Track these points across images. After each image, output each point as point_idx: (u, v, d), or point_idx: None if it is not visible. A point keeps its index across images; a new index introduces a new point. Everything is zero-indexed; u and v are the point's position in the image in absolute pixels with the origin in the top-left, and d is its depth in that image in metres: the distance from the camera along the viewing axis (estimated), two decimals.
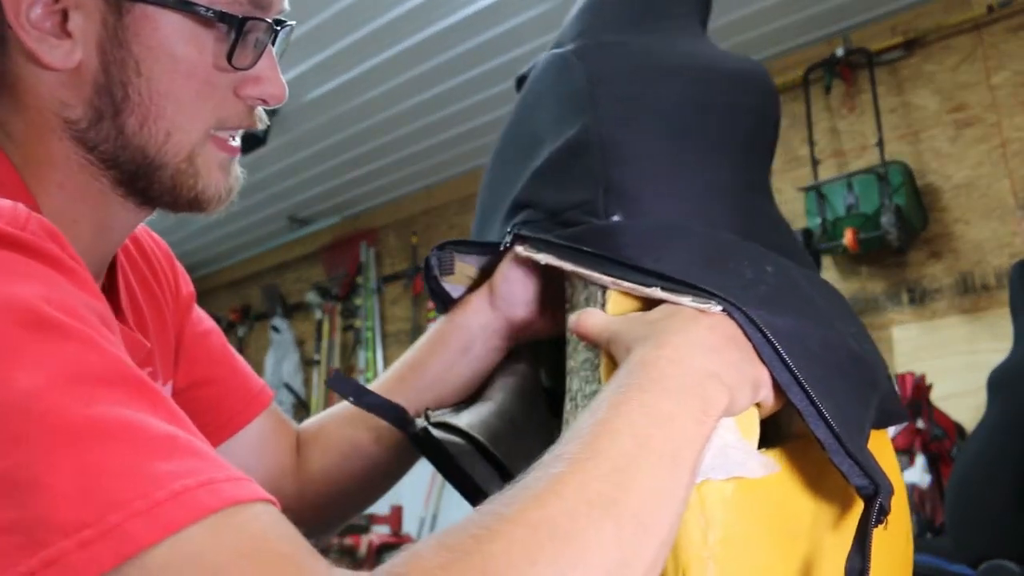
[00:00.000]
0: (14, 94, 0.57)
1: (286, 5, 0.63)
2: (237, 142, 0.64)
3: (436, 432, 0.69)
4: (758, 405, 0.56)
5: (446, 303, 0.79)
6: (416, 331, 4.47)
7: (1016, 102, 2.72)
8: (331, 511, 0.82)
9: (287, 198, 4.49)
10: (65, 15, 0.55)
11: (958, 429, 2.52)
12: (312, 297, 4.95)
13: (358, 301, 4.79)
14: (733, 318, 0.55)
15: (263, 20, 0.59)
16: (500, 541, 0.38)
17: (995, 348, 2.38)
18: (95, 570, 0.34)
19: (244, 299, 5.45)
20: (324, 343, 4.91)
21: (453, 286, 0.79)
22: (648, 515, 0.43)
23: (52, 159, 0.57)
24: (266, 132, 3.45)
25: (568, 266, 0.63)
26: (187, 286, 0.80)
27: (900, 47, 2.92)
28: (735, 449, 0.53)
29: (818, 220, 2.79)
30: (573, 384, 0.64)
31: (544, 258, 0.65)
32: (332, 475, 0.80)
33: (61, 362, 0.39)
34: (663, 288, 0.57)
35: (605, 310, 0.61)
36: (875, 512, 0.51)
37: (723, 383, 0.51)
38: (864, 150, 2.98)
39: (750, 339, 0.55)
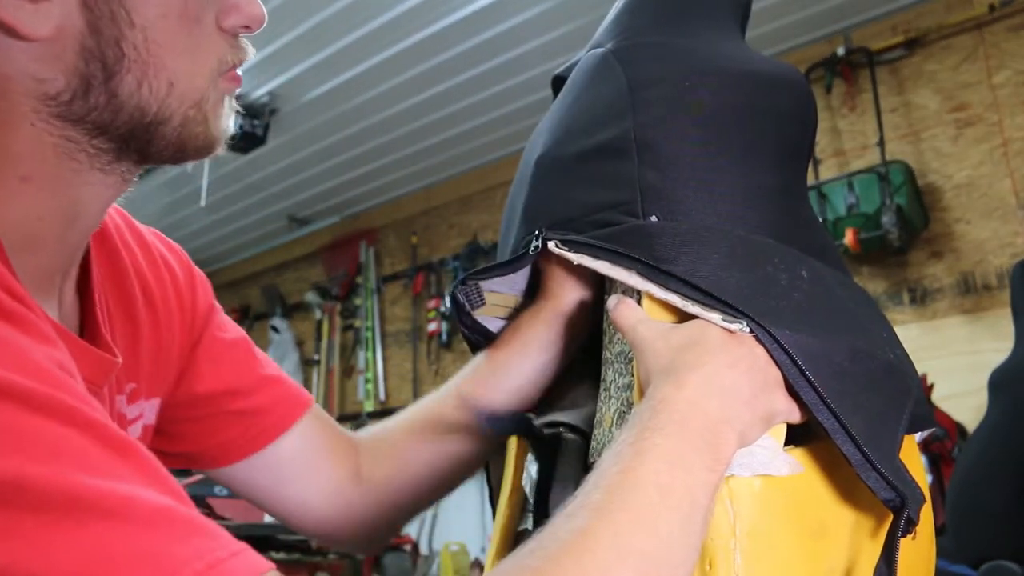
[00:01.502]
0: None
1: None
2: (239, 72, 0.59)
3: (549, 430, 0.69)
4: None
5: (482, 334, 0.77)
6: (416, 331, 4.47)
7: (1017, 101, 2.72)
8: (401, 512, 0.80)
9: (287, 198, 4.49)
10: None
11: (959, 429, 2.52)
12: (312, 297, 4.95)
13: (358, 301, 4.79)
14: (760, 341, 0.56)
15: None
16: None
17: (996, 348, 2.38)
18: None
19: (244, 299, 5.45)
20: (324, 343, 4.91)
21: (486, 318, 0.77)
22: (669, 564, 0.45)
23: (18, 148, 0.50)
24: (266, 132, 3.47)
25: (603, 268, 0.63)
26: (205, 297, 0.76)
27: (901, 46, 2.92)
28: (761, 448, 0.54)
29: (819, 220, 2.78)
30: (608, 374, 0.65)
31: (577, 258, 0.65)
32: (408, 479, 0.78)
33: (37, 438, 0.36)
34: (695, 302, 0.58)
35: (640, 304, 0.62)
36: (903, 523, 0.53)
37: (734, 429, 0.52)
38: (865, 150, 2.98)
39: (777, 362, 0.55)
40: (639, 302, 0.62)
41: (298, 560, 2.98)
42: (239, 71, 0.59)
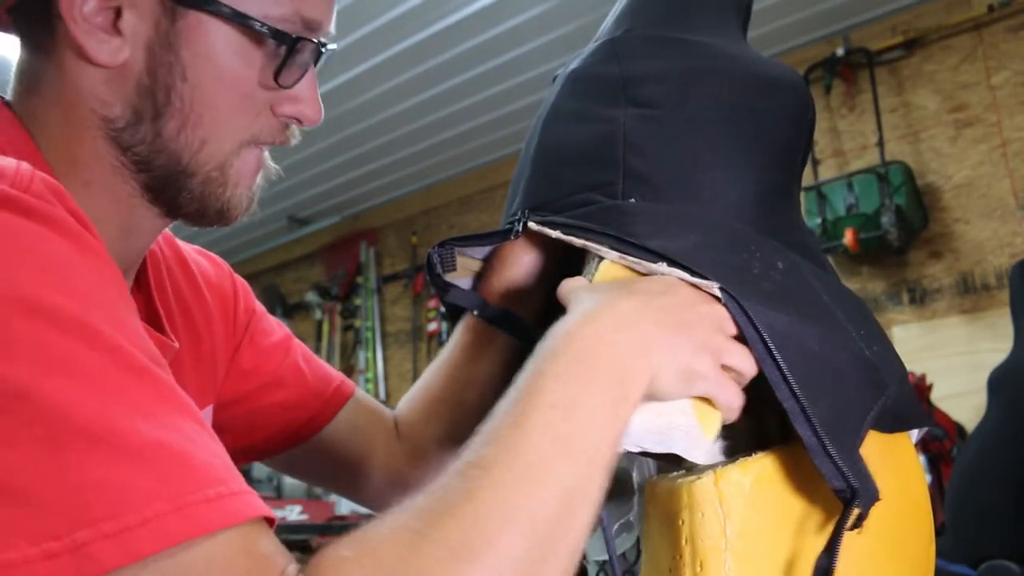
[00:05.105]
0: (55, 87, 0.57)
1: (332, 28, 0.63)
2: (267, 153, 0.64)
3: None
4: (711, 403, 0.55)
5: (450, 291, 0.79)
6: (416, 331, 4.47)
7: (1016, 102, 2.72)
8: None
9: (287, 198, 4.49)
10: (118, 13, 0.55)
11: (958, 429, 2.52)
12: (312, 297, 4.95)
13: (358, 301, 4.79)
14: (728, 309, 0.55)
15: (312, 42, 0.60)
16: (422, 562, 0.39)
17: (995, 348, 2.38)
18: None
19: None
20: (324, 343, 4.91)
21: (454, 278, 0.79)
22: (562, 521, 0.43)
23: (83, 156, 0.57)
24: None
25: (577, 241, 0.63)
26: (246, 304, 0.81)
27: (900, 47, 2.92)
28: (681, 431, 0.53)
29: (818, 220, 2.79)
30: None
31: (556, 234, 0.65)
32: (444, 432, 0.80)
33: (56, 354, 0.38)
34: (668, 264, 0.57)
35: (593, 279, 0.60)
36: (850, 516, 0.52)
37: (647, 369, 0.49)
38: (864, 150, 2.98)
39: (742, 332, 0.54)
40: (595, 272, 0.61)
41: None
42: (266, 154, 0.63)
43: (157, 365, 0.42)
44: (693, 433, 0.53)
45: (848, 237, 2.71)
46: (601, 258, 0.61)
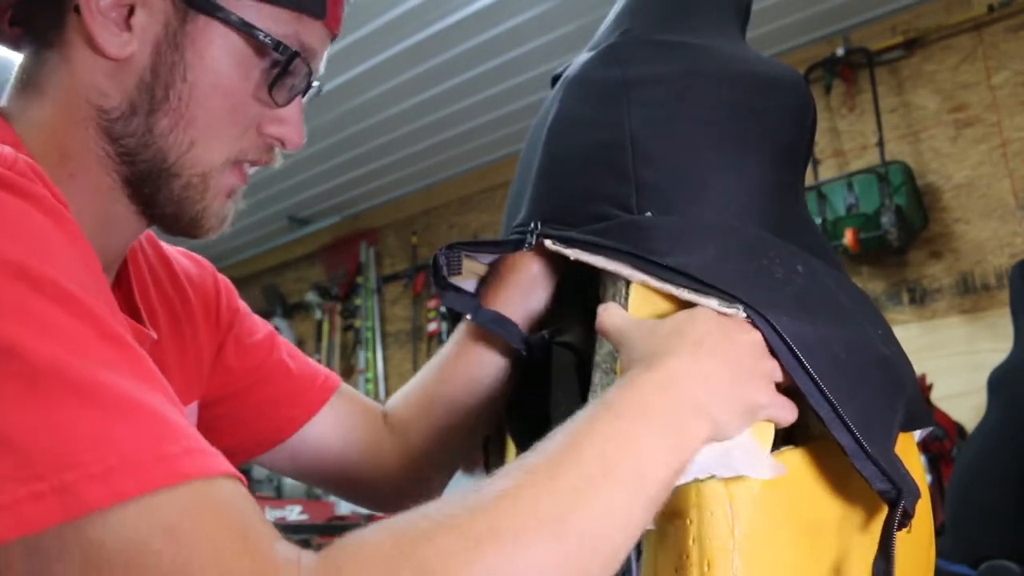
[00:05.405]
0: (54, 76, 0.59)
1: (323, 68, 0.66)
2: (249, 172, 0.66)
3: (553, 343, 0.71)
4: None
5: (448, 293, 0.80)
6: (416, 331, 4.47)
7: (1016, 102, 2.72)
8: (436, 463, 0.84)
9: (287, 198, 4.49)
10: (131, 10, 0.58)
11: (958, 429, 2.52)
12: (312, 297, 4.95)
13: (358, 301, 4.79)
14: (756, 327, 0.55)
15: (308, 64, 0.62)
16: (441, 544, 0.40)
17: (995, 348, 2.38)
18: (42, 523, 0.36)
19: (244, 299, 5.42)
20: (324, 343, 4.91)
21: (462, 282, 0.79)
22: (598, 537, 0.44)
23: (71, 146, 0.59)
24: None
25: (599, 261, 0.63)
26: (229, 302, 0.83)
27: (900, 47, 2.92)
28: (742, 450, 0.54)
29: (818, 220, 2.79)
30: (595, 377, 0.65)
31: (574, 253, 0.65)
32: (433, 429, 0.81)
33: (40, 318, 0.40)
34: (690, 290, 0.58)
35: (627, 306, 0.61)
36: (898, 516, 0.52)
37: (708, 416, 0.51)
38: (864, 150, 2.98)
39: (772, 349, 0.55)
40: (628, 298, 0.62)
41: None
42: (248, 173, 0.65)
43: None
44: (753, 450, 0.54)
45: (848, 237, 2.71)
46: (628, 281, 0.61)
